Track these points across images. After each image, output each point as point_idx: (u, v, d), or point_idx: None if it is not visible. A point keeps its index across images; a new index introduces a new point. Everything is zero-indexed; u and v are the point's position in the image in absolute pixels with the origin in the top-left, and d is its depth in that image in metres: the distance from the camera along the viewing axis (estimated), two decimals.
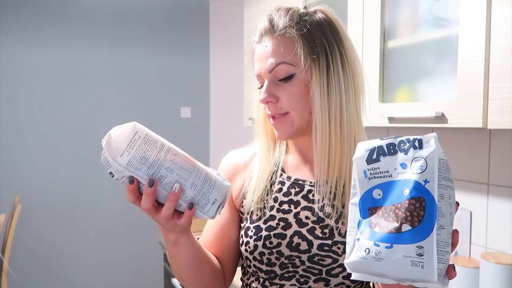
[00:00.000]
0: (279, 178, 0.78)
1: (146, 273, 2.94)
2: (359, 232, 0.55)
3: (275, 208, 0.75)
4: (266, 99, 0.71)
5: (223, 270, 0.81)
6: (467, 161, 1.38)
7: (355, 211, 0.56)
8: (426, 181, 0.51)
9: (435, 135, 0.53)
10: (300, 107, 0.71)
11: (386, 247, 0.51)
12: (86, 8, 2.74)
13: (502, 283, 1.16)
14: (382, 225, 0.52)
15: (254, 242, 0.74)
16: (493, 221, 1.31)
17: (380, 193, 0.54)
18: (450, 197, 0.52)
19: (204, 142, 3.18)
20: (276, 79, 0.72)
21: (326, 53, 0.70)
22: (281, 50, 0.70)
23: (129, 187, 0.58)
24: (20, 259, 2.60)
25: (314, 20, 0.72)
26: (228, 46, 3.19)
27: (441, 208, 0.51)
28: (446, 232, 0.51)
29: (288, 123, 0.72)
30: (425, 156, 0.52)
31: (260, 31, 0.74)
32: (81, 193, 2.79)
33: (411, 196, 0.51)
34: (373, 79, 1.31)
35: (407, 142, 0.53)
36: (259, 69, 0.73)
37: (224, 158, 0.87)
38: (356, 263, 0.53)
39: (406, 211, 0.51)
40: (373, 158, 0.55)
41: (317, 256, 0.70)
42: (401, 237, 0.51)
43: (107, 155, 0.55)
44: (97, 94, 2.81)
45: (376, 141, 0.56)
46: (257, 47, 0.74)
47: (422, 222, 0.50)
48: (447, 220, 0.51)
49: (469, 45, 1.04)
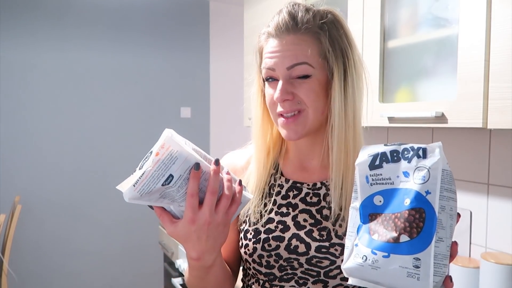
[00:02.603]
0: (278, 181, 0.78)
1: (146, 273, 2.94)
2: (358, 237, 0.55)
3: (274, 211, 0.75)
4: (283, 97, 0.68)
5: None
6: (467, 161, 1.38)
7: (356, 216, 0.56)
8: (427, 192, 0.50)
9: (440, 145, 0.52)
10: (319, 105, 0.70)
11: (383, 256, 0.51)
12: (86, 9, 2.74)
13: (502, 283, 1.16)
14: (381, 233, 0.52)
15: (253, 244, 0.74)
16: (493, 221, 1.31)
17: (381, 200, 0.54)
18: (452, 209, 0.51)
19: (204, 142, 3.18)
20: (292, 77, 0.69)
21: (343, 56, 0.70)
22: (303, 48, 0.68)
23: (195, 174, 0.57)
24: (20, 259, 2.60)
25: (331, 20, 0.71)
26: (228, 46, 3.19)
27: (441, 220, 0.50)
28: (445, 245, 0.50)
29: (302, 122, 0.70)
30: (428, 166, 0.51)
31: (278, 24, 0.69)
32: (81, 193, 2.79)
33: (411, 206, 0.51)
34: (373, 79, 1.31)
35: (411, 150, 0.53)
36: (274, 64, 0.69)
37: (223, 159, 0.86)
38: (352, 269, 0.54)
39: (405, 221, 0.51)
40: (376, 164, 0.54)
41: (315, 258, 0.70)
42: (399, 248, 0.51)
43: (174, 148, 0.56)
44: (97, 94, 2.81)
45: (380, 146, 0.55)
46: (271, 41, 0.70)
47: (421, 233, 0.50)
48: (447, 232, 0.51)
49: (469, 45, 1.04)
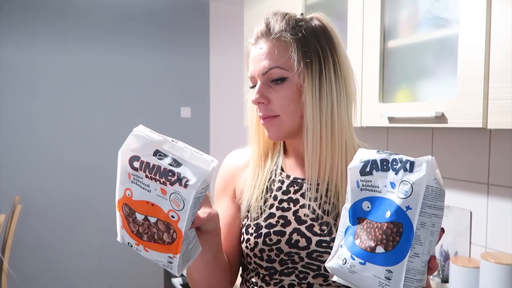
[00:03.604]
0: (279, 176, 0.80)
1: (146, 273, 2.94)
2: (345, 238, 0.57)
3: (275, 206, 0.77)
4: (257, 99, 0.73)
5: (230, 267, 0.82)
6: (467, 161, 1.38)
7: (346, 216, 0.58)
8: (408, 208, 0.51)
9: (429, 159, 0.51)
10: (291, 110, 0.73)
11: (360, 263, 0.54)
12: (86, 9, 2.74)
13: (502, 283, 1.17)
14: (363, 239, 0.54)
15: (255, 239, 0.75)
16: (493, 221, 1.31)
17: (369, 206, 0.55)
18: (434, 225, 0.51)
19: (204, 142, 3.18)
20: (269, 80, 0.73)
21: (319, 59, 0.72)
22: (275, 53, 0.72)
23: None
24: (20, 259, 2.60)
25: (310, 26, 0.74)
26: (228, 46, 3.19)
27: (419, 237, 0.51)
28: (420, 261, 0.51)
29: (278, 126, 0.74)
30: (412, 181, 0.51)
31: (256, 33, 0.76)
32: (81, 193, 2.79)
33: (390, 219, 0.52)
34: (373, 79, 1.31)
35: (399, 162, 0.53)
36: (253, 71, 0.75)
37: (226, 158, 0.89)
38: (333, 269, 0.58)
39: (383, 233, 0.52)
40: (366, 170, 0.55)
41: (315, 252, 0.72)
42: (374, 258, 0.53)
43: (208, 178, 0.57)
44: (97, 94, 2.81)
45: (373, 153, 0.56)
46: (252, 49, 0.76)
47: (396, 247, 0.51)
48: (425, 248, 0.51)
49: (469, 45, 1.04)
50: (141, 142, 0.58)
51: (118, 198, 0.60)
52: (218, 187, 0.86)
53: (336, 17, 1.44)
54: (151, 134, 0.59)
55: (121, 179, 0.60)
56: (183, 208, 0.56)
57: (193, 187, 0.55)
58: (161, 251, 0.59)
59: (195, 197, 0.55)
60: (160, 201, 0.57)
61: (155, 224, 0.58)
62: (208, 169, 0.56)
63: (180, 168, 0.56)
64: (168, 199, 0.57)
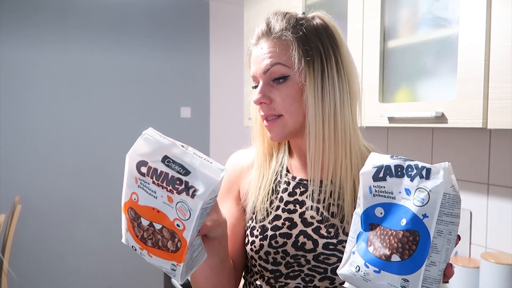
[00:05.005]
0: (284, 178, 0.79)
1: (146, 273, 2.94)
2: (357, 245, 0.56)
3: (281, 208, 0.76)
4: (260, 99, 0.73)
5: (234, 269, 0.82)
6: (467, 161, 1.38)
7: (358, 222, 0.57)
8: (425, 216, 0.49)
9: (446, 166, 0.50)
10: (294, 109, 0.72)
11: (374, 271, 0.52)
12: (86, 9, 2.74)
13: (502, 283, 1.16)
14: (376, 246, 0.53)
15: (260, 241, 0.74)
16: (493, 221, 1.31)
17: (382, 212, 0.54)
18: (451, 233, 0.50)
19: (204, 142, 3.18)
20: (271, 80, 0.72)
21: (321, 58, 0.71)
22: (276, 51, 0.71)
23: None
24: (20, 259, 2.60)
25: (311, 24, 0.73)
26: (228, 46, 3.19)
27: (436, 245, 0.50)
28: (437, 269, 0.50)
29: (281, 126, 0.73)
30: (429, 189, 0.49)
31: (257, 33, 0.75)
32: (81, 193, 2.78)
33: (406, 228, 0.50)
34: (373, 79, 1.31)
35: (415, 168, 0.51)
36: (255, 70, 0.74)
37: (230, 158, 0.88)
38: (346, 276, 0.56)
39: (398, 242, 0.51)
40: (379, 176, 0.54)
41: (322, 255, 0.71)
42: (390, 266, 0.51)
43: (217, 188, 0.55)
44: (97, 94, 2.81)
45: (386, 158, 0.54)
46: (253, 49, 0.76)
47: (413, 256, 0.50)
48: (441, 256, 0.50)
49: (469, 45, 1.04)
50: (150, 147, 0.56)
51: (124, 201, 0.59)
52: (222, 188, 0.84)
53: (336, 17, 1.42)
54: (161, 139, 0.56)
55: (127, 183, 0.58)
56: (189, 218, 0.54)
57: (201, 198, 0.53)
58: (165, 258, 0.58)
59: (202, 207, 0.54)
60: (166, 209, 0.56)
61: (160, 231, 0.57)
62: (218, 178, 0.54)
63: (189, 177, 0.54)
64: (174, 207, 0.55)
